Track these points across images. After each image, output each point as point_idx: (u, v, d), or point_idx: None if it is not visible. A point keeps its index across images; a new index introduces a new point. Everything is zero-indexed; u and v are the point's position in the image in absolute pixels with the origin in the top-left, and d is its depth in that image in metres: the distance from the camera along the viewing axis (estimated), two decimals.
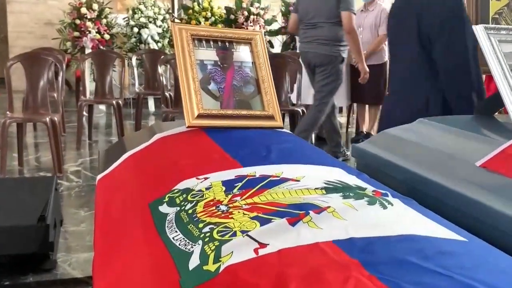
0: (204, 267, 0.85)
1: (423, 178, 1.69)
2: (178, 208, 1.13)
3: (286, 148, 1.52)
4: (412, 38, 2.47)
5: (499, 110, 2.10)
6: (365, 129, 5.38)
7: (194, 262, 0.88)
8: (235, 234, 0.92)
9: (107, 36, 6.84)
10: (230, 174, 1.25)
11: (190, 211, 1.08)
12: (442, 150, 1.79)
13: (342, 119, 6.71)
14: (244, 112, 1.75)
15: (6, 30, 8.62)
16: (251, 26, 7.22)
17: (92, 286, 1.13)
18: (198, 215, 1.05)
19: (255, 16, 7.31)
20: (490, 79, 3.12)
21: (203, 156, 1.47)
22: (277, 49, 7.69)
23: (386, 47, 5.34)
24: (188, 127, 1.68)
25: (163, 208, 1.17)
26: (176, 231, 1.02)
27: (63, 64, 4.56)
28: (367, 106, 5.37)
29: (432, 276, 0.78)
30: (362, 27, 5.10)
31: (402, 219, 0.98)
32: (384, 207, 1.02)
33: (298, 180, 1.17)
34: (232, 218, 0.99)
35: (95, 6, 6.85)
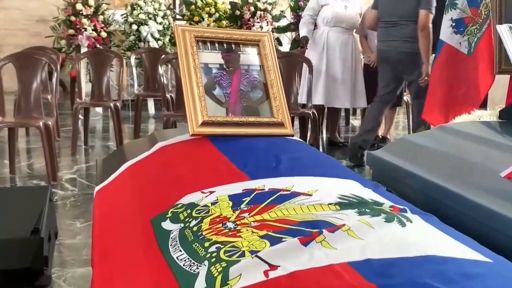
0: None
1: (442, 189, 1.69)
2: (182, 224, 1.13)
3: (297, 158, 1.53)
4: None
5: None
6: (381, 133, 5.37)
7: (200, 284, 0.88)
8: (243, 255, 0.92)
9: (104, 34, 6.86)
10: (237, 187, 1.26)
11: (195, 229, 1.08)
12: (463, 158, 1.79)
13: (356, 122, 6.71)
14: (251, 119, 1.76)
15: None
16: (258, 23, 7.24)
17: None
18: (204, 232, 1.05)
19: (262, 11, 7.32)
20: None
21: (208, 167, 1.48)
22: (285, 47, 7.70)
23: None
24: (192, 135, 1.69)
25: (166, 224, 1.18)
26: (180, 250, 1.03)
27: (58, 64, 4.58)
28: None
29: None
30: None
31: (422, 238, 0.99)
32: (403, 225, 1.02)
33: (310, 195, 1.18)
34: (240, 236, 0.99)
35: (91, 2, 6.87)
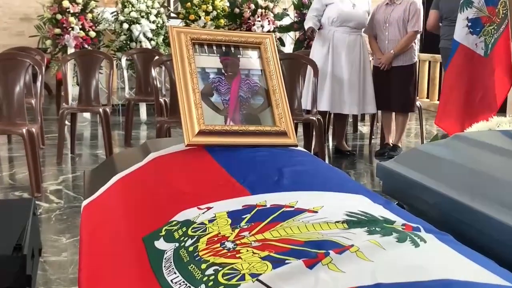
0: None
1: (460, 204, 1.68)
2: (177, 244, 1.13)
3: (301, 171, 1.53)
4: None
5: None
6: (391, 141, 5.37)
7: None
8: (243, 278, 0.92)
9: (92, 34, 6.89)
10: (236, 203, 1.26)
11: (191, 249, 1.08)
12: (482, 170, 1.79)
13: (364, 129, 6.71)
14: (252, 127, 1.76)
15: None
16: (259, 21, 7.26)
17: None
18: (200, 253, 1.05)
19: (263, 9, 7.34)
20: None
21: (205, 181, 1.48)
22: (288, 47, 7.72)
23: (416, 45, 5.34)
24: (188, 145, 1.69)
25: (160, 243, 1.18)
26: (175, 273, 1.03)
27: (42, 66, 4.59)
28: (393, 114, 5.36)
29: None
30: (387, 22, 5.11)
31: (437, 260, 0.98)
32: (416, 245, 1.02)
33: (316, 211, 1.17)
34: (239, 258, 0.99)
35: None
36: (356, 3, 5.00)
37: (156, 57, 5.42)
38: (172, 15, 8.04)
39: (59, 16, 6.82)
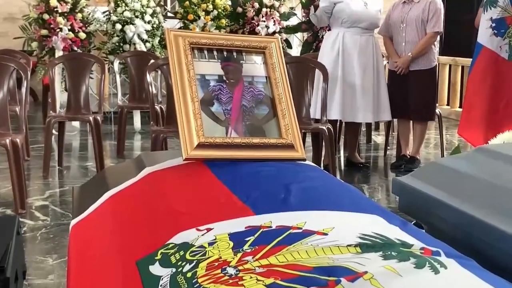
0: None
1: (484, 224, 1.68)
2: (174, 269, 1.13)
3: (309, 188, 1.52)
4: None
5: None
6: (408, 152, 5.37)
7: None
8: None
9: (82, 35, 6.92)
10: (239, 224, 1.26)
11: (189, 275, 1.08)
12: (508, 187, 1.78)
13: (379, 139, 6.71)
14: (256, 140, 1.76)
15: None
16: (263, 22, 7.28)
17: None
18: (200, 280, 1.05)
19: (268, 8, 7.36)
20: None
21: (204, 199, 1.48)
22: (295, 50, 7.73)
23: (436, 48, 5.34)
24: (186, 159, 1.69)
25: (155, 268, 1.17)
26: None
27: (28, 71, 4.61)
28: (411, 123, 5.36)
29: None
30: (405, 22, 5.12)
31: None
32: (436, 271, 1.01)
33: (326, 234, 1.17)
34: (242, 285, 0.99)
35: None
36: (368, 2, 4.97)
37: (152, 60, 5.45)
38: (169, 14, 8.07)
39: (46, 16, 6.85)
